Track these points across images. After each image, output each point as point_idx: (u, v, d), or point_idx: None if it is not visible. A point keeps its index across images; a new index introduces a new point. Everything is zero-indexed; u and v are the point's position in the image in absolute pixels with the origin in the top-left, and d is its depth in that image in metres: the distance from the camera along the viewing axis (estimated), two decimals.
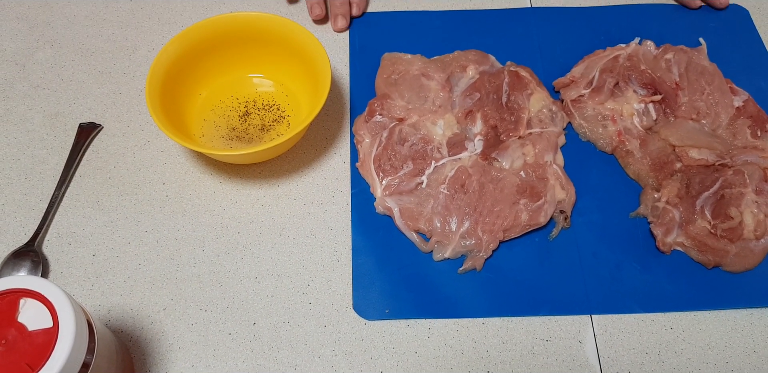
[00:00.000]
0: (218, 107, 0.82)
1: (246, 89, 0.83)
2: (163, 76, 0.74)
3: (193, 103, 0.81)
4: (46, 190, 0.77)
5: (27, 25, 0.90)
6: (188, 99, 0.80)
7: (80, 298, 0.70)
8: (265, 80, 0.84)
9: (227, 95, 0.82)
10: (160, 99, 0.72)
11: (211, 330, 0.69)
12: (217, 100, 0.82)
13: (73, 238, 0.74)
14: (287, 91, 0.83)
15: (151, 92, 0.72)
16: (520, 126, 0.78)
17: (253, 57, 0.82)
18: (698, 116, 0.79)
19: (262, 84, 0.84)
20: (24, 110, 0.82)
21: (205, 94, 0.82)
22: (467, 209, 0.73)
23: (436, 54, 0.86)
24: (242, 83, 0.84)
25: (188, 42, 0.76)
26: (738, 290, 0.71)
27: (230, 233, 0.75)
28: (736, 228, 0.72)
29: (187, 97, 0.80)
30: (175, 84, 0.76)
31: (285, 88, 0.83)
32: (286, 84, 0.83)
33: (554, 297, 0.71)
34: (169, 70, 0.75)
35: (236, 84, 0.83)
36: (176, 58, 0.76)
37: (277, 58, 0.81)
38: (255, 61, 0.82)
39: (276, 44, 0.79)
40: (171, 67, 0.75)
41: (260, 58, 0.82)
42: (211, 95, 0.82)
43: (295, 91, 0.83)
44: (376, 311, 0.70)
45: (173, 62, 0.75)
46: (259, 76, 0.84)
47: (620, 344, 0.69)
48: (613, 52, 0.84)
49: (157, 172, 0.78)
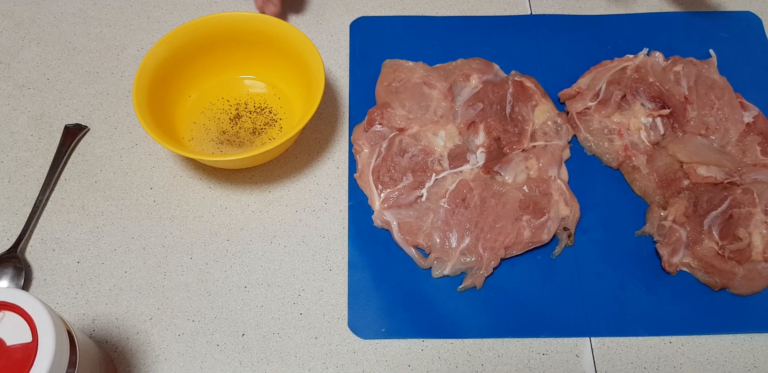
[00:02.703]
0: (208, 110, 0.83)
1: (237, 91, 0.84)
2: (151, 78, 0.75)
3: (182, 106, 0.82)
4: (29, 194, 0.78)
5: (12, 23, 0.91)
6: (177, 101, 0.81)
7: (64, 306, 0.71)
8: (257, 82, 0.85)
9: (218, 97, 0.84)
10: (147, 101, 0.73)
11: (199, 341, 0.70)
12: (207, 102, 0.83)
13: (57, 244, 0.75)
14: (280, 93, 0.84)
15: (139, 95, 0.73)
16: (524, 138, 0.79)
17: (244, 58, 0.83)
18: (707, 132, 0.80)
19: (254, 86, 0.85)
20: (8, 111, 0.84)
21: (195, 96, 0.83)
22: (468, 224, 0.74)
23: (437, 60, 0.87)
24: (233, 85, 0.85)
25: (177, 43, 0.77)
26: (745, 313, 0.72)
27: (219, 240, 0.76)
28: (744, 249, 0.73)
29: (176, 99, 0.81)
30: (163, 86, 0.77)
31: (278, 90, 0.84)
32: (278, 86, 0.84)
33: (556, 318, 0.72)
34: (158, 72, 0.76)
35: (227, 86, 0.84)
36: (165, 59, 0.77)
37: (270, 59, 0.82)
38: (247, 62, 0.83)
39: (268, 45, 0.80)
40: (159, 68, 0.76)
41: (252, 59, 0.83)
42: (201, 97, 0.83)
43: (288, 94, 0.84)
44: (371, 330, 0.71)
45: (161, 63, 0.76)
46: (251, 78, 0.85)
47: (618, 358, 0.70)
48: (620, 63, 0.85)
49: (144, 176, 0.80)
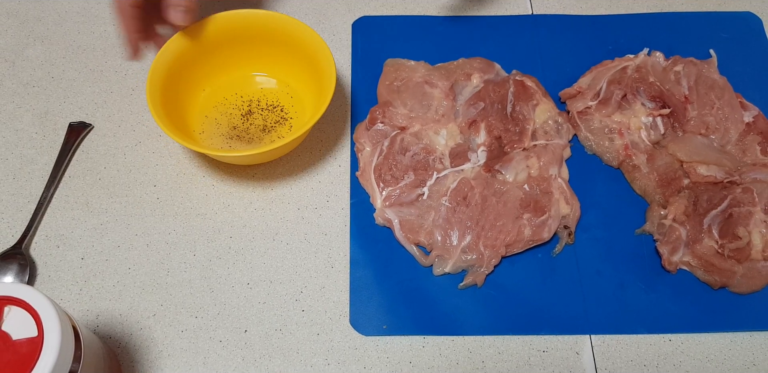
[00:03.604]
0: (221, 104, 0.85)
1: (250, 88, 0.86)
2: (165, 70, 0.76)
3: (195, 99, 0.84)
4: (34, 191, 0.79)
5: (17, 21, 0.92)
6: (191, 94, 0.83)
7: (68, 302, 0.73)
8: (270, 79, 0.87)
9: (231, 93, 0.85)
10: (161, 94, 0.75)
11: (202, 337, 0.72)
12: (220, 96, 0.85)
13: (61, 240, 0.76)
14: (292, 92, 0.86)
15: (152, 87, 0.74)
16: (525, 137, 0.80)
17: (257, 55, 0.84)
18: (707, 131, 0.82)
19: (267, 83, 0.87)
20: (13, 108, 0.85)
21: (208, 90, 0.85)
22: (469, 222, 0.76)
23: (439, 59, 0.89)
24: (247, 81, 0.87)
25: (192, 38, 0.79)
26: (744, 311, 0.74)
27: (222, 238, 0.77)
28: (743, 248, 0.75)
29: (190, 92, 0.83)
30: (177, 79, 0.79)
31: (290, 88, 0.86)
32: (291, 84, 0.86)
33: (556, 316, 0.73)
34: (172, 66, 0.77)
35: (241, 82, 0.86)
36: (180, 54, 0.78)
37: (282, 57, 0.83)
38: (260, 59, 0.85)
39: (281, 43, 0.81)
40: (174, 62, 0.77)
41: (265, 56, 0.84)
42: (214, 92, 0.85)
43: (299, 92, 0.85)
44: (373, 327, 0.72)
45: (177, 57, 0.78)
46: (263, 75, 0.87)
47: (618, 356, 0.72)
48: (621, 62, 0.86)
49: (148, 173, 0.81)
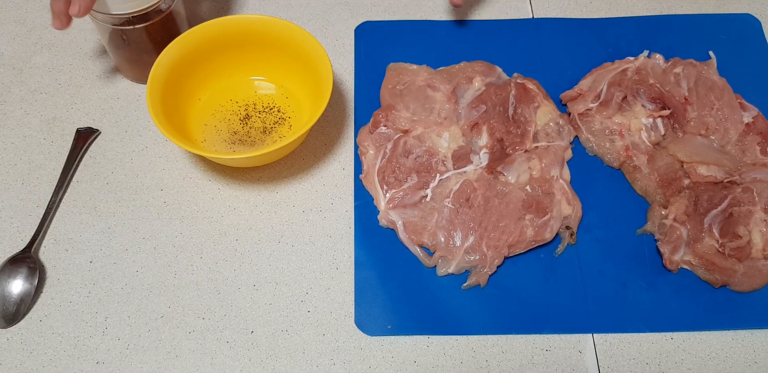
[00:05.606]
0: (218, 111, 0.88)
1: (246, 92, 0.89)
2: (163, 81, 0.79)
3: (192, 108, 0.87)
4: (43, 195, 0.82)
5: (24, 29, 0.95)
6: (188, 104, 0.86)
7: (77, 305, 0.76)
8: (266, 83, 0.90)
9: (226, 99, 0.89)
10: (161, 103, 0.78)
11: (209, 338, 0.74)
12: (216, 104, 0.88)
13: (70, 244, 0.80)
14: (288, 93, 0.89)
15: (152, 97, 0.77)
16: (527, 139, 0.83)
17: (254, 60, 0.87)
18: (707, 132, 0.85)
19: (263, 87, 0.90)
20: (21, 115, 0.88)
21: (204, 99, 0.88)
22: (472, 223, 0.79)
23: (441, 63, 0.92)
24: (242, 86, 0.90)
25: (190, 44, 0.82)
26: (745, 310, 0.76)
27: (228, 240, 0.80)
28: (744, 247, 0.77)
29: (187, 102, 0.86)
30: (176, 88, 0.82)
31: (286, 90, 0.89)
32: (287, 87, 0.89)
33: (558, 315, 0.76)
34: (170, 75, 0.80)
35: (236, 87, 0.89)
36: (177, 61, 0.81)
37: (279, 60, 0.86)
38: (256, 63, 0.88)
39: (277, 47, 0.84)
40: (171, 71, 0.81)
41: (262, 60, 0.88)
42: (210, 100, 0.88)
43: (296, 94, 0.89)
44: (378, 327, 0.75)
45: (174, 66, 0.81)
46: (260, 79, 0.90)
47: (620, 354, 0.75)
48: (621, 65, 0.89)
49: (155, 178, 0.84)
